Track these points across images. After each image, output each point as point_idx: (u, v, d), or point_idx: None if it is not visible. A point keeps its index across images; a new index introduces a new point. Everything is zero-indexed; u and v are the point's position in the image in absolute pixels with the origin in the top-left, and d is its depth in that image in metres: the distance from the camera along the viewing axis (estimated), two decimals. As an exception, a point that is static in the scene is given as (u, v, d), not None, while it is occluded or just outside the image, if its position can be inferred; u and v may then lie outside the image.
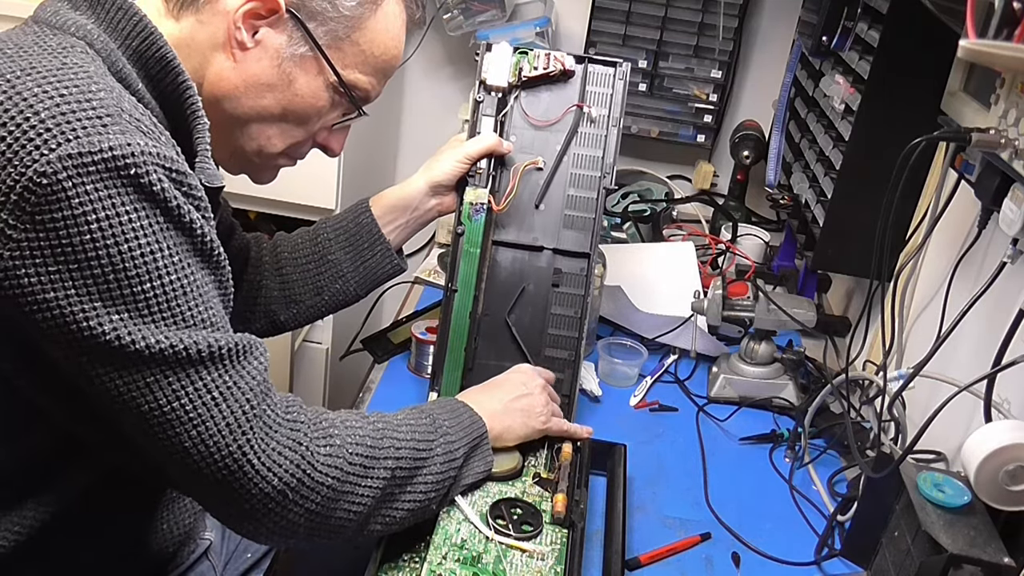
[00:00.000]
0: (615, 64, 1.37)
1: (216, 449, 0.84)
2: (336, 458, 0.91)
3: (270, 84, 0.94)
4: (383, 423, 0.99)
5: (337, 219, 1.33)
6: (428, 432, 1.03)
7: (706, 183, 2.24)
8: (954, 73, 1.30)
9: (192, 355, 0.82)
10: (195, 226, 0.82)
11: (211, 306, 0.84)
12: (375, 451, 0.95)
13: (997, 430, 0.94)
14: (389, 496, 0.97)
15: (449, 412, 1.09)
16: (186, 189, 0.82)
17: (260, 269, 1.29)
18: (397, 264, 1.33)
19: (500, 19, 2.06)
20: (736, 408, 1.52)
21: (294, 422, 0.90)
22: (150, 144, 0.79)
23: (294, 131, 1.01)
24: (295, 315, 1.31)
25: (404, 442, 0.99)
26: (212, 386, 0.83)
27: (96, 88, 0.79)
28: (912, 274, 1.39)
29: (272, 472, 0.86)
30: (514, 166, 1.36)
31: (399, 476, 0.98)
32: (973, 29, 0.81)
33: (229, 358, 0.85)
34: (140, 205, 0.78)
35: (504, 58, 1.35)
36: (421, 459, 1.01)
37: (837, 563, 1.20)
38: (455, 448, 1.05)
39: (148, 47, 0.87)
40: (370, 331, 1.59)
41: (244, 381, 0.86)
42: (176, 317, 0.81)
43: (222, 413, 0.84)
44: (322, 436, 0.91)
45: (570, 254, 1.36)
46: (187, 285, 0.82)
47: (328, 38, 0.95)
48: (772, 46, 2.17)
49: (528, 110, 1.37)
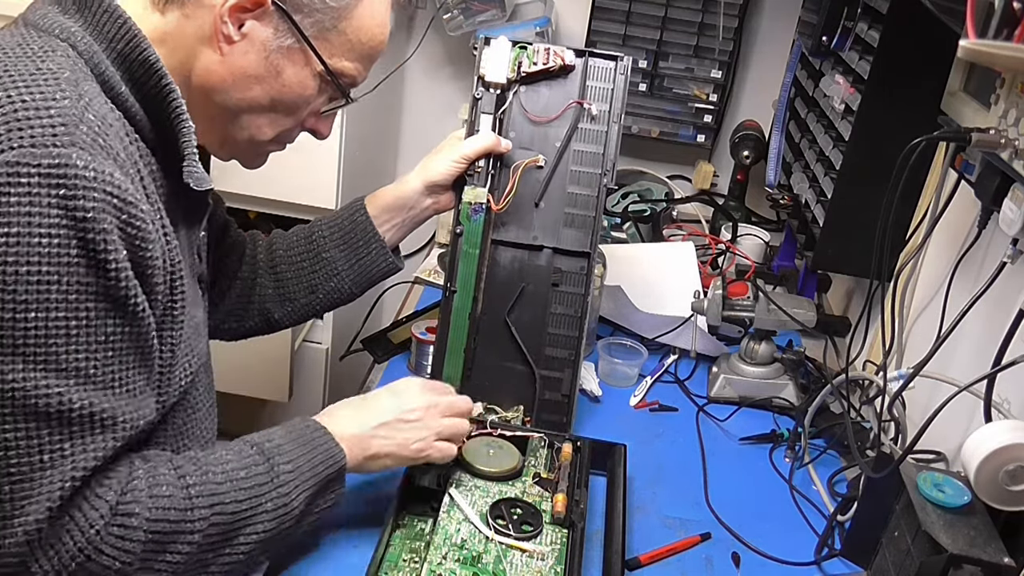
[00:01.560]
0: (616, 59, 1.35)
1: (19, 512, 0.80)
2: (128, 541, 0.85)
3: (258, 76, 0.94)
4: (201, 485, 0.92)
5: (332, 217, 1.32)
6: (258, 485, 0.96)
7: (706, 183, 2.24)
8: (954, 73, 1.30)
9: (40, 407, 0.78)
10: (111, 268, 0.79)
11: (96, 358, 0.81)
12: (179, 524, 0.89)
13: (997, 430, 0.94)
14: (199, 562, 0.93)
15: (301, 447, 1.01)
16: (126, 218, 0.80)
17: (255, 267, 1.29)
18: (393, 263, 1.33)
19: (500, 19, 2.06)
20: (736, 408, 1.52)
21: (98, 498, 0.84)
22: (97, 163, 0.77)
23: (283, 119, 1.01)
24: (289, 313, 1.31)
25: (220, 505, 0.93)
26: (46, 448, 0.80)
27: (60, 96, 0.79)
28: (912, 274, 1.39)
29: (54, 550, 0.82)
30: (514, 164, 1.34)
31: (208, 543, 0.92)
32: (973, 29, 0.81)
33: (80, 424, 0.81)
34: (58, 231, 0.76)
35: (503, 53, 1.34)
36: (242, 520, 0.94)
37: (837, 563, 1.20)
38: (291, 498, 0.98)
39: (132, 50, 0.87)
40: (370, 331, 1.59)
41: (82, 456, 0.82)
42: (48, 358, 0.78)
43: (42, 480, 0.80)
44: (120, 514, 0.85)
45: (570, 253, 1.36)
46: (74, 328, 0.79)
47: (314, 29, 0.94)
48: (772, 46, 2.17)
49: (527, 106, 1.36)
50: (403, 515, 1.12)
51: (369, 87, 1.93)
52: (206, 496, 0.92)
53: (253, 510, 0.95)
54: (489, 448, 1.20)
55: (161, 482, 0.90)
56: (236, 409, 2.08)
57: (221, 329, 1.29)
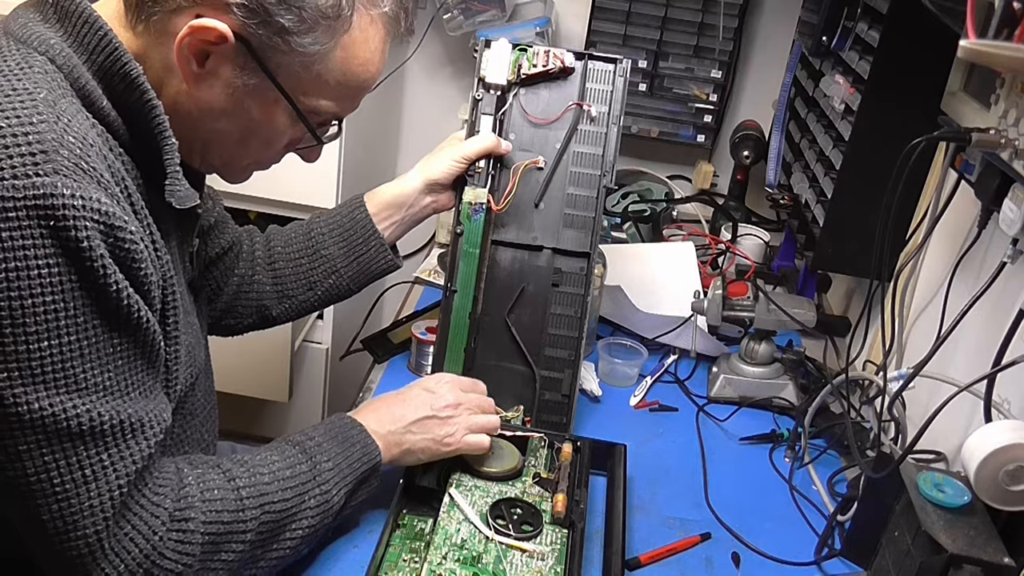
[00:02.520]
0: (615, 61, 1.36)
1: (73, 527, 0.82)
2: (188, 544, 0.89)
3: (224, 110, 0.91)
4: (250, 486, 0.96)
5: (331, 214, 1.32)
6: (303, 483, 1.00)
7: (706, 183, 2.24)
8: (954, 73, 1.30)
9: (72, 427, 0.79)
10: (111, 288, 0.79)
11: (110, 371, 0.82)
12: (233, 525, 0.93)
13: (997, 430, 0.94)
14: (251, 558, 0.97)
15: (339, 444, 1.05)
16: (114, 241, 0.79)
17: (252, 263, 1.29)
18: (391, 260, 1.33)
19: (500, 19, 2.06)
20: (736, 408, 1.52)
21: (156, 507, 0.87)
22: (82, 189, 0.76)
23: (258, 151, 0.98)
24: (287, 309, 1.31)
25: (269, 504, 0.96)
26: (86, 463, 0.81)
27: (38, 119, 0.77)
28: (912, 274, 1.39)
29: (119, 558, 0.85)
30: (514, 165, 1.35)
31: (260, 540, 0.96)
32: (973, 29, 0.81)
33: (112, 435, 0.83)
34: (54, 260, 0.76)
35: (503, 55, 1.34)
36: (289, 516, 0.99)
37: (837, 563, 1.20)
38: (332, 495, 1.02)
39: (113, 63, 0.85)
40: (370, 331, 1.59)
41: (121, 463, 0.84)
42: (68, 380, 0.79)
43: (88, 493, 0.82)
44: (178, 520, 0.89)
45: (570, 253, 1.36)
46: (86, 348, 0.79)
47: (283, 70, 0.90)
48: (772, 46, 2.17)
49: (527, 108, 1.36)
50: (403, 515, 1.12)
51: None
52: (256, 496, 0.96)
53: (298, 507, 1.00)
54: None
55: (212, 486, 0.93)
56: (236, 409, 2.09)
57: (219, 325, 1.30)
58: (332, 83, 0.93)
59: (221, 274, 1.26)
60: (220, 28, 0.85)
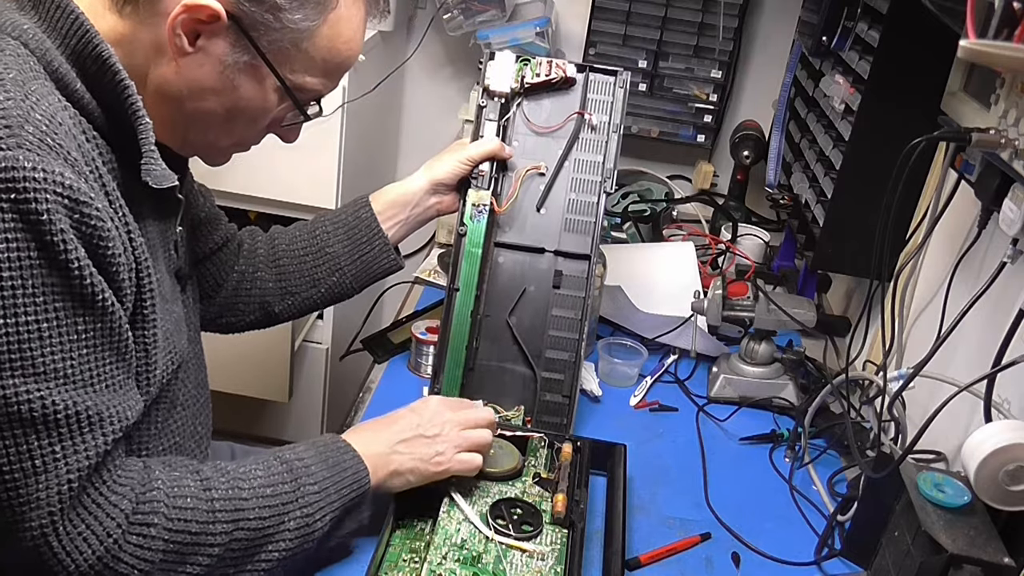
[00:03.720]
0: (615, 73, 1.39)
1: (22, 519, 0.80)
2: (147, 550, 0.87)
3: (213, 88, 0.91)
4: (226, 499, 0.93)
5: (336, 213, 1.33)
6: (284, 504, 0.97)
7: (706, 183, 2.24)
8: (954, 73, 1.30)
9: (23, 413, 0.78)
10: (73, 266, 0.78)
11: (72, 357, 0.80)
12: (200, 537, 0.90)
13: (997, 430, 0.94)
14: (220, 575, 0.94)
15: (329, 469, 1.01)
16: (79, 217, 0.78)
17: (254, 260, 1.29)
18: (395, 260, 1.34)
19: (500, 19, 2.05)
20: (736, 408, 1.52)
21: (113, 507, 0.85)
22: (45, 163, 0.76)
23: (242, 129, 0.99)
24: (290, 307, 1.31)
25: (243, 521, 0.93)
26: (36, 453, 0.79)
27: (4, 96, 0.77)
28: (912, 274, 1.39)
29: (71, 557, 0.83)
30: (516, 170, 1.37)
31: (230, 557, 0.93)
32: (973, 29, 0.81)
33: (67, 426, 0.80)
34: (15, 235, 0.75)
35: (507, 66, 1.38)
36: (264, 536, 0.95)
37: (837, 563, 1.20)
38: (314, 519, 0.99)
39: (85, 45, 0.85)
40: (370, 331, 1.59)
41: (74, 456, 0.81)
42: (24, 363, 0.77)
43: (37, 485, 0.80)
44: (139, 523, 0.87)
45: (571, 256, 1.37)
46: (45, 330, 0.78)
47: (273, 46, 0.91)
48: (772, 46, 2.17)
49: (530, 116, 1.39)
50: (403, 515, 1.12)
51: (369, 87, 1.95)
52: (230, 511, 0.93)
53: (276, 528, 0.96)
54: (489, 448, 1.20)
55: (184, 493, 0.91)
56: (236, 409, 2.09)
57: (219, 323, 1.30)
58: (318, 60, 0.95)
59: (217, 270, 1.26)
60: (213, 6, 0.86)
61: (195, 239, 1.21)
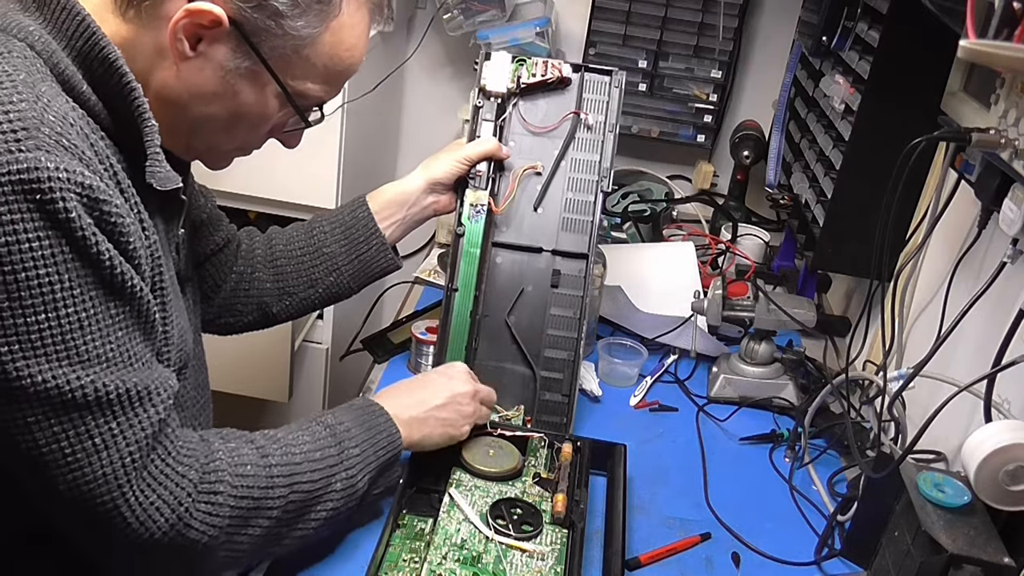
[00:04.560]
0: (610, 73, 1.40)
1: (91, 497, 0.83)
2: (215, 516, 0.90)
3: (214, 93, 0.91)
4: (281, 465, 0.97)
5: (334, 213, 1.34)
6: (331, 466, 1.02)
7: (706, 183, 2.24)
8: (954, 73, 1.30)
9: (77, 398, 0.80)
10: (103, 257, 0.80)
11: (111, 341, 0.82)
12: (262, 501, 0.94)
13: (997, 430, 0.94)
14: (274, 536, 0.97)
15: (367, 431, 1.07)
16: (100, 214, 0.79)
17: (252, 261, 1.29)
18: (392, 260, 1.34)
19: (500, 19, 2.05)
20: (736, 408, 1.52)
21: (181, 477, 0.88)
22: (65, 163, 0.77)
23: (244, 134, 0.99)
24: (288, 307, 1.32)
25: (298, 484, 0.98)
26: (95, 432, 0.82)
27: (18, 99, 0.77)
28: (912, 274, 1.39)
29: (145, 526, 0.86)
30: (513, 170, 1.38)
31: (286, 518, 0.97)
32: (973, 29, 0.81)
33: (120, 404, 0.83)
34: (44, 232, 0.76)
35: (503, 66, 1.38)
36: (316, 497, 1.00)
37: (837, 563, 1.20)
38: (357, 480, 1.04)
39: (91, 48, 0.85)
40: (370, 331, 1.59)
41: (131, 431, 0.84)
42: (70, 352, 0.79)
43: (101, 462, 0.82)
44: (206, 491, 0.90)
45: (569, 255, 1.37)
46: (85, 319, 0.80)
47: (275, 53, 0.91)
48: (772, 46, 2.17)
49: (527, 117, 1.40)
50: (403, 515, 1.12)
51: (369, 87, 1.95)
52: (286, 475, 0.97)
53: (325, 489, 1.01)
54: (489, 448, 1.20)
55: (244, 461, 0.95)
56: (236, 409, 2.08)
57: (217, 324, 1.30)
58: (320, 67, 0.95)
59: (217, 271, 1.26)
60: (215, 12, 0.86)
61: (196, 241, 1.21)
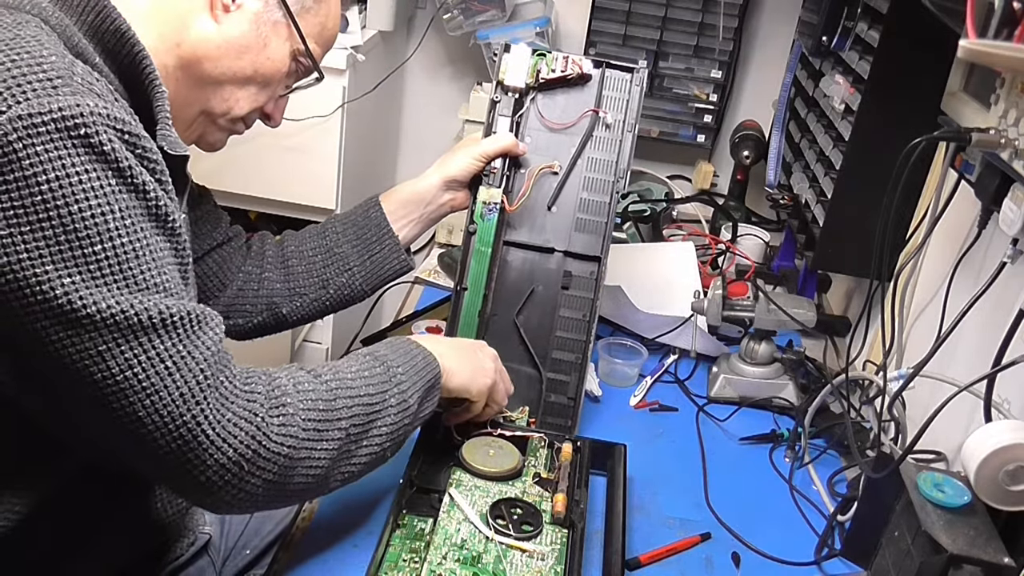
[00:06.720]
0: (632, 70, 1.37)
1: (170, 419, 0.83)
2: (290, 427, 0.91)
3: (247, 46, 0.99)
4: (336, 380, 0.99)
5: (347, 214, 1.34)
6: (382, 383, 1.03)
7: (706, 183, 2.24)
8: (954, 73, 1.30)
9: (144, 322, 0.81)
10: (148, 188, 0.82)
11: (164, 271, 0.84)
12: (329, 413, 0.95)
13: (997, 430, 0.94)
14: (345, 453, 0.98)
15: (403, 355, 1.08)
16: (140, 152, 0.82)
17: (262, 261, 1.30)
18: (405, 260, 1.34)
19: (500, 19, 2.06)
20: (736, 408, 1.52)
21: (250, 393, 0.89)
22: (101, 105, 0.79)
23: (258, 94, 1.04)
24: (298, 308, 1.31)
25: (358, 398, 0.99)
26: (165, 355, 0.83)
27: (48, 53, 0.80)
28: (912, 274, 1.39)
29: (227, 443, 0.86)
30: (529, 168, 1.36)
31: (354, 433, 0.98)
32: (973, 29, 0.81)
33: (183, 326, 0.84)
34: (91, 166, 0.78)
35: (523, 59, 1.36)
36: (375, 412, 1.01)
37: (837, 563, 1.20)
38: (408, 396, 1.05)
39: (103, 21, 0.89)
40: (370, 331, 1.59)
41: (198, 350, 0.85)
42: (128, 280, 0.81)
43: (175, 383, 0.83)
44: (276, 406, 0.91)
45: (580, 257, 1.37)
46: (139, 248, 0.82)
47: (298, 6, 1.01)
48: (772, 46, 2.17)
49: (544, 112, 1.38)
50: (403, 515, 1.12)
51: (369, 87, 1.95)
52: (344, 389, 0.99)
53: (381, 404, 1.02)
54: (489, 448, 1.20)
55: (302, 379, 0.96)
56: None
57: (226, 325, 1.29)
58: (323, 26, 1.05)
59: (220, 268, 1.26)
60: None
61: (193, 236, 1.21)
